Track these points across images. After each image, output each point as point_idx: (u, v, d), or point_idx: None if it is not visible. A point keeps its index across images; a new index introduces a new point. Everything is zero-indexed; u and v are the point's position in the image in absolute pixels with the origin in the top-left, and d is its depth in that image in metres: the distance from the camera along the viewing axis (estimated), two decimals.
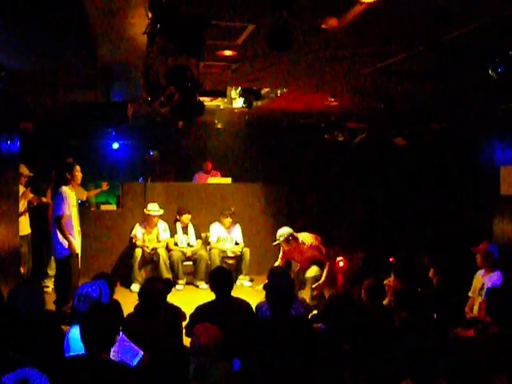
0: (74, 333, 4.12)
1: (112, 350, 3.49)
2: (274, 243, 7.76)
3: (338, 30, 4.08)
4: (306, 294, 7.42)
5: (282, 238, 7.55)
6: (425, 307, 5.17)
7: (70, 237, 7.04)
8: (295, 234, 7.64)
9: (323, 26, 4.04)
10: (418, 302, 5.19)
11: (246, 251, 9.62)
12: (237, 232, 9.88)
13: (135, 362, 4.01)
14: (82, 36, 4.24)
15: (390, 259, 8.00)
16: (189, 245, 9.69)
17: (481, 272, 6.40)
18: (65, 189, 7.16)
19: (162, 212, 9.48)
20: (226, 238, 9.78)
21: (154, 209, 9.42)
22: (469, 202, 8.66)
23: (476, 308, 6.21)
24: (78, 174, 7.44)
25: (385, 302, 6.39)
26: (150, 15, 3.66)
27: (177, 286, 9.13)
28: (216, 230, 9.77)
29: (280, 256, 7.94)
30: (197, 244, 9.75)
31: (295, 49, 4.04)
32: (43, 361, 3.46)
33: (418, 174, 10.01)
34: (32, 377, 3.17)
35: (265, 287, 4.93)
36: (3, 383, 3.13)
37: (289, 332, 4.35)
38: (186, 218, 9.71)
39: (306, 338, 4.41)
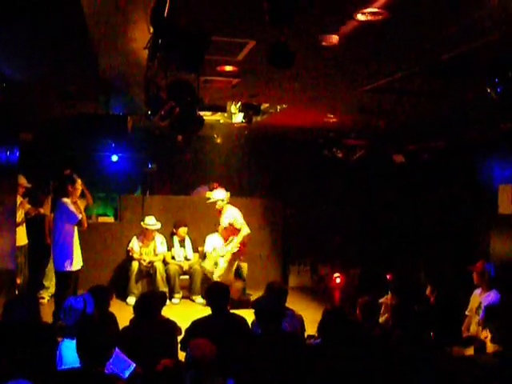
0: (66, 345, 4.11)
1: None
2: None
3: (338, 47, 4.11)
4: None
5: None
6: (421, 325, 5.16)
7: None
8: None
9: (324, 44, 4.06)
10: (414, 319, 5.18)
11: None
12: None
13: (127, 375, 3.99)
14: (83, 49, 4.26)
15: (387, 276, 8.00)
16: (186, 258, 9.67)
17: (478, 291, 6.39)
18: (67, 200, 7.18)
19: (159, 225, 9.47)
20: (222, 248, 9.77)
21: (151, 222, 9.41)
22: (467, 221, 8.66)
23: (473, 327, 6.20)
24: (79, 188, 7.45)
25: (381, 320, 6.38)
26: (151, 30, 3.69)
27: (173, 300, 9.10)
28: (212, 241, 9.73)
29: None
30: (193, 257, 9.73)
31: (295, 65, 4.06)
32: (37, 373, 3.44)
33: (416, 191, 10.02)
34: None
35: (252, 304, 4.93)
36: None
37: (279, 348, 4.35)
38: (183, 231, 9.70)
39: (297, 354, 4.40)
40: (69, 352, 4.01)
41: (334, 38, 3.95)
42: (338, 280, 8.54)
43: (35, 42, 4.11)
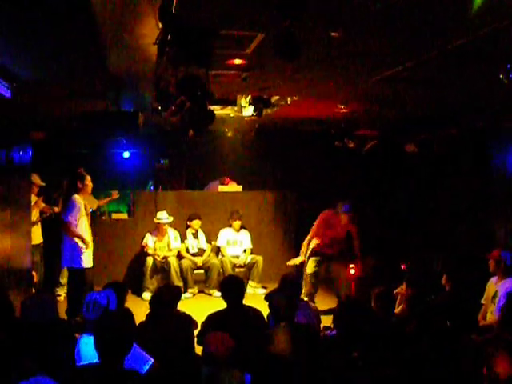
0: (85, 341, 4.14)
1: None
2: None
3: (347, 37, 4.08)
4: None
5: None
6: (437, 315, 5.15)
7: (82, 235, 7.13)
8: None
9: (333, 34, 4.04)
10: (430, 309, 5.16)
11: (259, 259, 9.64)
12: (246, 236, 9.92)
13: (145, 370, 4.02)
14: (92, 46, 4.27)
15: (402, 266, 7.97)
16: (200, 249, 9.71)
17: (494, 279, 6.36)
18: (76, 197, 7.23)
19: (171, 219, 9.51)
20: (236, 241, 9.83)
21: (162, 217, 9.46)
22: (482, 208, 8.61)
23: (489, 315, 6.17)
24: (89, 184, 7.51)
25: (397, 310, 6.37)
26: (159, 25, 3.68)
27: (186, 294, 9.14)
28: (225, 234, 9.84)
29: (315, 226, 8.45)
30: (207, 248, 9.78)
31: (304, 56, 4.04)
32: (57, 369, 3.48)
33: (429, 180, 9.97)
34: None
35: (266, 298, 4.94)
36: None
37: (293, 340, 4.35)
38: (197, 223, 9.75)
39: (312, 346, 4.40)
40: (87, 348, 4.04)
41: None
42: (352, 271, 8.51)
43: (44, 41, 4.11)
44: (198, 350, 4.96)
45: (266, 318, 5.34)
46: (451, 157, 9.22)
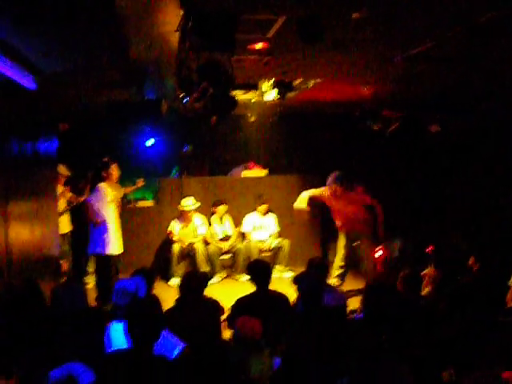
0: (115, 328, 4.20)
1: None
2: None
3: (370, 17, 4.04)
4: None
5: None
6: (465, 296, 5.11)
7: (100, 217, 7.21)
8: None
9: (354, 15, 4.00)
10: (457, 291, 5.13)
11: (286, 243, 9.66)
12: (272, 220, 9.94)
13: (175, 354, 4.06)
14: (114, 35, 4.29)
15: (429, 248, 7.92)
16: (226, 235, 9.76)
17: None
18: (102, 185, 7.32)
19: (197, 205, 9.54)
20: (262, 225, 9.86)
21: (187, 203, 9.49)
22: (507, 189, 8.50)
23: None
24: (114, 173, 7.57)
25: (424, 292, 6.34)
26: (181, 12, 3.68)
27: (214, 280, 9.20)
28: (251, 219, 9.86)
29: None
30: (233, 233, 9.82)
31: (326, 38, 4.01)
32: (88, 356, 3.54)
33: (454, 161, 9.86)
34: (78, 371, 3.25)
35: (293, 281, 4.95)
36: (51, 377, 3.21)
37: (321, 323, 4.35)
38: (222, 209, 9.79)
39: (339, 329, 4.40)
40: (117, 334, 4.10)
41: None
42: (378, 253, 8.47)
43: (68, 33, 4.14)
44: (226, 335, 5.01)
45: (292, 301, 5.36)
46: (474, 139, 9.10)
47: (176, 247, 9.32)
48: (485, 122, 8.61)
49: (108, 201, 7.43)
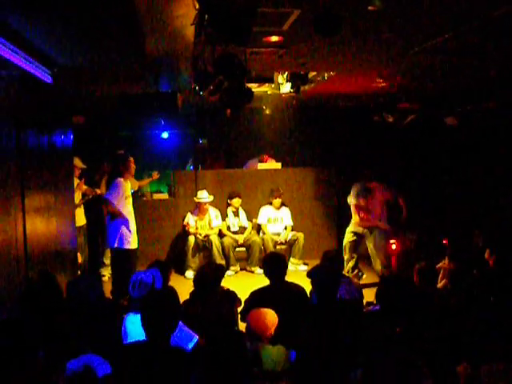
0: (132, 320, 4.23)
1: None
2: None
3: (386, 9, 4.02)
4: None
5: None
6: (481, 289, 5.09)
7: (119, 211, 7.28)
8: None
9: (370, 8, 3.98)
10: (473, 284, 5.11)
11: (300, 236, 9.67)
12: (286, 213, 9.95)
13: (190, 347, 4.08)
14: (130, 29, 4.30)
15: (444, 241, 7.89)
16: (241, 227, 9.78)
17: None
18: (120, 180, 7.34)
19: (211, 198, 9.57)
20: (276, 218, 9.87)
21: (203, 196, 9.53)
22: None
23: None
24: (132, 166, 7.59)
25: (440, 285, 6.32)
26: (197, 6, 3.69)
27: (229, 272, 9.23)
28: (266, 212, 9.89)
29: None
30: (248, 226, 9.85)
31: (342, 31, 3.99)
32: (105, 348, 3.57)
33: (470, 153, 9.79)
34: (94, 363, 3.28)
35: (308, 274, 4.94)
36: (68, 369, 3.24)
37: (336, 316, 4.35)
38: (237, 201, 9.81)
39: (354, 322, 4.40)
40: (134, 326, 4.13)
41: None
42: (393, 246, 8.46)
43: (84, 27, 4.16)
44: (242, 326, 5.03)
45: (308, 294, 5.36)
46: (492, 129, 9.02)
47: (191, 240, 9.36)
48: (500, 116, 8.53)
49: (126, 196, 7.46)
